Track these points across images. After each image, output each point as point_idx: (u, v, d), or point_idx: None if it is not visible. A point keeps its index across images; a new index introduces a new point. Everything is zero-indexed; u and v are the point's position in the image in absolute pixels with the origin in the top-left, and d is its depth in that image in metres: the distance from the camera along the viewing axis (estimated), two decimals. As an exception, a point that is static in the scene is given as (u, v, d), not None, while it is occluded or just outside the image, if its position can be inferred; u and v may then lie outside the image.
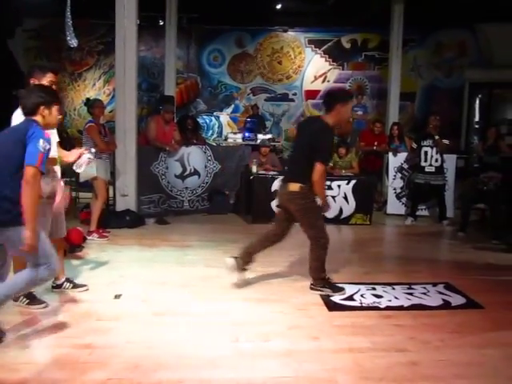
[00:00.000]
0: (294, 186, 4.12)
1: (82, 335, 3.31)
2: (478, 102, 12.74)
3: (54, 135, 3.78)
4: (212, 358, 3.03)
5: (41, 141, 3.02)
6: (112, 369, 2.86)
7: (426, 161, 7.29)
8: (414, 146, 7.50)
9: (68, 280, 4.12)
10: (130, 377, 2.77)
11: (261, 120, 11.05)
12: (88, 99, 7.04)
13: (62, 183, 3.94)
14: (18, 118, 3.50)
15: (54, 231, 3.83)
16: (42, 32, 12.72)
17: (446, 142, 7.28)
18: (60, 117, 3.54)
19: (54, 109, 3.32)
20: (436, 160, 7.28)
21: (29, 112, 3.24)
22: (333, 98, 4.20)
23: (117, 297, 4.02)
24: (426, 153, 7.29)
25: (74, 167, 3.83)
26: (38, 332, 3.39)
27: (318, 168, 4.00)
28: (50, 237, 3.55)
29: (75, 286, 4.12)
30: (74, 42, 6.32)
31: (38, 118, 3.23)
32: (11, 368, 2.84)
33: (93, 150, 4.11)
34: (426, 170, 7.30)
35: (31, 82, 3.63)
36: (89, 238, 5.86)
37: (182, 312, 3.76)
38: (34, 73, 3.68)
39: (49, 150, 3.10)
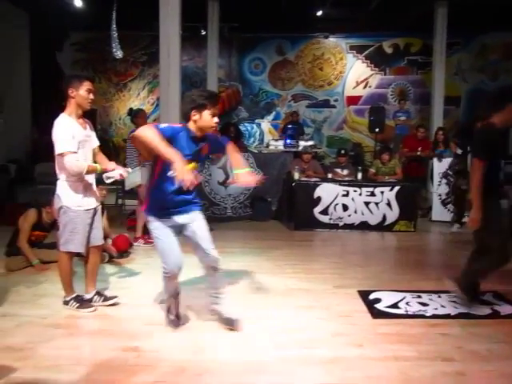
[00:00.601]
0: None
1: (129, 339, 3.40)
2: (526, 105, 12.34)
3: (92, 140, 3.91)
4: (256, 363, 3.06)
5: None
6: (159, 372, 2.93)
7: None
8: (459, 151, 7.32)
9: (98, 293, 4.07)
10: (176, 380, 2.83)
11: (300, 127, 11.05)
12: (131, 109, 7.23)
13: (94, 187, 3.98)
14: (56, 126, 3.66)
15: (91, 238, 3.92)
16: (88, 45, 13.16)
17: None
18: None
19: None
20: None
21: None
22: (506, 95, 3.90)
23: (162, 301, 4.09)
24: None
25: (104, 176, 3.91)
26: (88, 334, 3.52)
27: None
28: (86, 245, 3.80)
29: (105, 298, 4.06)
30: (119, 54, 6.54)
31: None
32: (63, 369, 2.95)
33: (129, 170, 4.16)
34: None
35: (69, 91, 3.69)
36: (135, 244, 6.00)
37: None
38: (71, 82, 3.71)
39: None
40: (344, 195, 7.16)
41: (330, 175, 7.66)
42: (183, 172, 2.95)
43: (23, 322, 3.65)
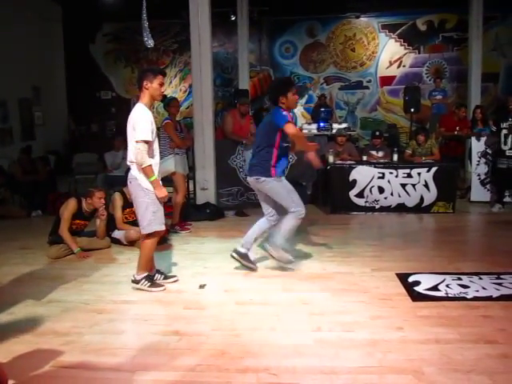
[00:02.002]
0: None
1: (171, 323, 3.47)
2: None
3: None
4: (295, 346, 3.07)
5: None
6: (200, 355, 2.98)
7: (505, 144, 6.86)
8: (494, 128, 7.09)
9: (159, 272, 4.30)
10: (218, 363, 2.88)
11: (328, 110, 10.91)
12: (165, 96, 7.28)
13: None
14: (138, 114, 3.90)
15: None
16: (120, 35, 13.30)
17: None
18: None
19: None
20: None
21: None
22: None
23: (201, 286, 4.17)
24: (505, 136, 6.86)
25: None
26: (130, 319, 3.61)
27: None
28: None
29: (166, 277, 4.31)
30: (150, 43, 6.56)
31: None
32: (108, 352, 3.04)
33: None
34: (507, 153, 6.86)
35: (144, 83, 3.90)
36: (172, 230, 6.09)
37: (264, 301, 3.84)
38: (146, 76, 3.92)
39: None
40: (380, 177, 7.06)
41: (364, 158, 7.56)
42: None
43: (68, 307, 3.76)
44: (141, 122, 3.85)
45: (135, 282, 4.11)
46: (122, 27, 13.11)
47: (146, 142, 3.85)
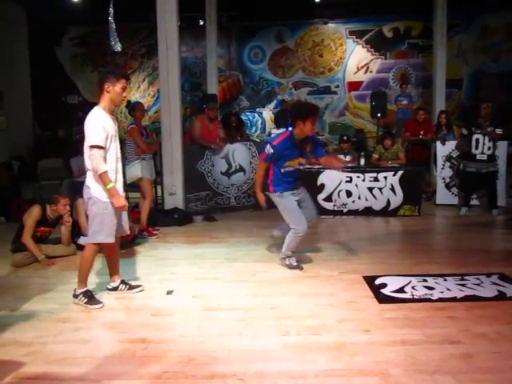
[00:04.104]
0: None
1: (137, 330, 3.42)
2: (529, 85, 12.22)
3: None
4: (263, 351, 3.07)
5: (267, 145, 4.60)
6: (167, 362, 2.94)
7: (477, 148, 7.01)
8: (465, 132, 7.23)
9: (123, 282, 4.21)
10: (185, 370, 2.85)
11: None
12: (129, 102, 7.20)
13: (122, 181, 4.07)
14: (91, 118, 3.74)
15: (121, 229, 4.00)
16: (87, 39, 13.13)
17: (499, 131, 6.99)
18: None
19: None
20: (489, 148, 6.95)
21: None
22: None
23: (169, 293, 4.12)
24: (477, 140, 7.00)
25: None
26: (96, 328, 3.55)
27: None
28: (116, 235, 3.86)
29: (131, 287, 4.20)
30: (117, 47, 6.50)
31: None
32: (73, 362, 2.98)
33: None
34: (478, 157, 7.00)
35: (105, 86, 3.75)
36: (140, 236, 6.01)
37: (232, 307, 3.82)
38: (108, 78, 3.77)
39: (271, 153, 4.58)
40: (347, 181, 7.14)
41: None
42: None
43: (31, 316, 3.67)
44: (93, 127, 3.68)
45: (74, 296, 3.92)
46: (89, 31, 12.95)
47: (100, 147, 3.66)
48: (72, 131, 12.68)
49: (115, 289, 4.15)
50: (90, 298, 3.90)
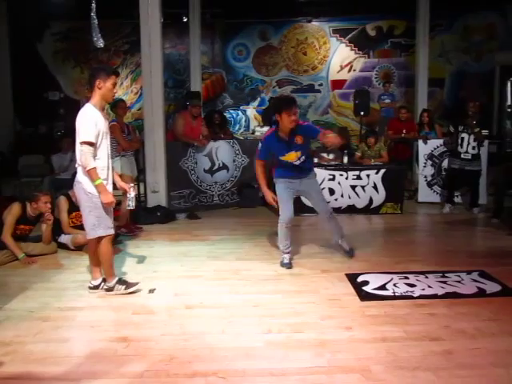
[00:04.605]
0: None
1: (118, 329, 3.40)
2: (509, 85, 12.38)
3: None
4: (245, 349, 3.07)
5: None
6: (148, 361, 2.93)
7: (462, 147, 7.10)
8: (452, 129, 7.29)
9: (105, 280, 4.13)
10: (166, 368, 2.84)
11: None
12: None
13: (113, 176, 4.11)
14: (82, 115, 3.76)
15: None
16: (69, 34, 12.95)
17: (485, 132, 7.10)
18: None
19: None
20: (473, 148, 7.05)
21: None
22: None
23: (151, 291, 4.10)
24: (462, 139, 7.09)
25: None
26: (76, 326, 3.50)
27: None
28: None
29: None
30: (100, 43, 6.41)
31: None
32: (53, 361, 2.94)
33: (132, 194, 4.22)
34: (462, 156, 7.07)
35: (97, 83, 3.77)
36: (122, 234, 5.97)
37: (214, 305, 3.81)
38: (99, 75, 3.79)
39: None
40: (330, 179, 7.18)
41: (316, 160, 7.65)
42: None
43: (11, 316, 3.62)
44: (84, 123, 3.73)
45: (108, 289, 4.01)
46: (71, 26, 12.75)
47: (90, 143, 3.72)
48: (53, 128, 12.51)
49: (96, 287, 4.10)
50: (126, 283, 4.04)
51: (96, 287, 4.10)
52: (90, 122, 3.73)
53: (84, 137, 3.71)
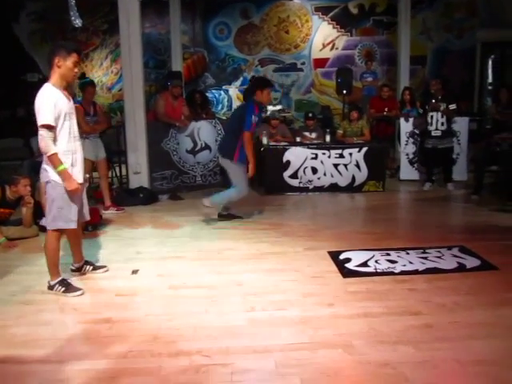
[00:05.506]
0: None
1: (101, 310, 3.40)
2: (490, 62, 12.44)
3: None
4: (229, 327, 3.09)
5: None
6: (132, 341, 2.94)
7: (431, 125, 7.17)
8: (421, 110, 7.38)
9: (87, 262, 4.14)
10: (150, 348, 2.85)
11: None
12: (84, 75, 6.89)
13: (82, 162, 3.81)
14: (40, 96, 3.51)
15: (81, 215, 3.81)
16: (46, 14, 12.65)
17: (452, 107, 7.12)
18: None
19: None
20: (442, 124, 7.12)
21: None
22: None
23: (134, 272, 4.10)
24: (431, 117, 7.16)
25: None
26: (59, 309, 3.49)
27: None
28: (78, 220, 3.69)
29: (95, 267, 4.14)
30: (78, 22, 6.31)
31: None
32: (36, 344, 2.94)
33: None
34: (433, 134, 7.16)
35: (56, 61, 3.47)
36: (106, 212, 5.93)
37: (197, 284, 3.83)
38: (58, 52, 3.48)
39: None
40: (313, 158, 7.18)
41: (298, 139, 7.66)
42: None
43: (-8, 300, 3.60)
44: (42, 105, 3.42)
45: (49, 288, 3.71)
46: (47, 6, 12.46)
47: (49, 126, 3.41)
48: (32, 110, 12.31)
49: (79, 269, 4.09)
50: (68, 285, 3.72)
51: (78, 269, 4.08)
52: (49, 103, 3.42)
53: (42, 119, 3.40)
